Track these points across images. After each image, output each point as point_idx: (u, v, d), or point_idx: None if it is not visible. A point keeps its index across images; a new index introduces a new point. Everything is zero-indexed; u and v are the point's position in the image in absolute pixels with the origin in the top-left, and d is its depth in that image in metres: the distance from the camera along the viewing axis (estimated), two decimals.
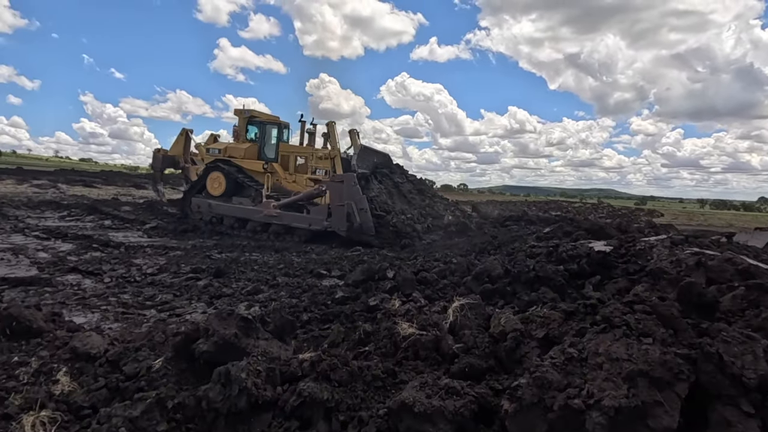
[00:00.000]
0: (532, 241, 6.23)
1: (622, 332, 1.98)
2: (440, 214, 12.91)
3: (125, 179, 36.45)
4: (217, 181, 14.16)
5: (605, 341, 1.97)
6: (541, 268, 4.48)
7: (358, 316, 4.43)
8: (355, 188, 11.07)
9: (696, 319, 2.12)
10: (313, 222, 11.79)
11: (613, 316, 2.09)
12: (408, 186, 13.36)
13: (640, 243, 5.05)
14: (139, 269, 7.39)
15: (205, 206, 13.78)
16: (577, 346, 2.05)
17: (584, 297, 3.10)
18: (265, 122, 15.00)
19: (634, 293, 2.61)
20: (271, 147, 14.79)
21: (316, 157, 14.00)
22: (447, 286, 5.23)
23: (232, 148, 14.60)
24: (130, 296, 5.62)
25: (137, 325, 4.49)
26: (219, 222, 13.53)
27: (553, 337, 2.56)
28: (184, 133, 16.64)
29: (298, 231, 12.09)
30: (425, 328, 3.33)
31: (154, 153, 16.95)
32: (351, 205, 10.94)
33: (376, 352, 3.35)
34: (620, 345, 1.93)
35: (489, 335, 2.88)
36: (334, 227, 11.31)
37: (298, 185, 13.91)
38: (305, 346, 3.82)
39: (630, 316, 2.10)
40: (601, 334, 2.03)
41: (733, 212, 76.30)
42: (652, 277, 4.08)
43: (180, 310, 5.09)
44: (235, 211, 13.38)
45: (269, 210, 12.40)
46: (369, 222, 11.00)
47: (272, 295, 5.80)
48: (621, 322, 2.05)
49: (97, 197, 20.99)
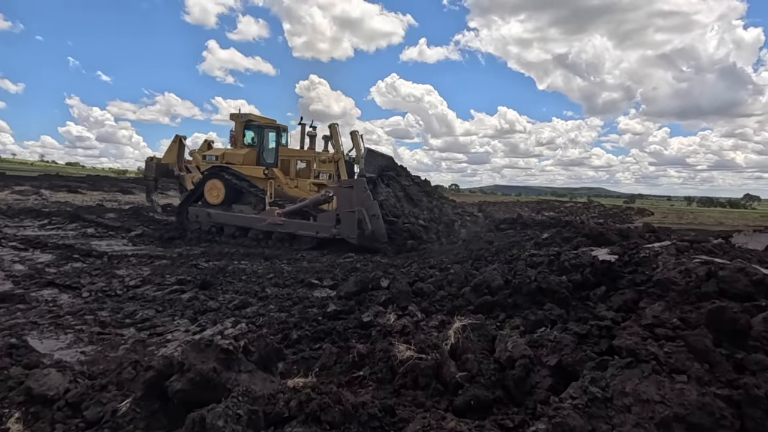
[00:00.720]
0: (531, 248, 6.02)
1: (651, 368, 1.75)
2: (450, 218, 12.64)
3: (112, 184, 35.78)
4: (216, 189, 13.61)
5: (632, 378, 1.74)
6: (544, 279, 4.25)
7: (351, 333, 4.17)
8: (366, 194, 10.65)
9: (729, 348, 1.91)
10: (321, 229, 11.32)
11: (638, 348, 1.86)
12: (414, 188, 13.07)
13: (643, 250, 4.86)
14: (121, 281, 7.05)
15: (204, 216, 13.18)
16: (600, 383, 1.82)
17: (596, 317, 2.87)
18: (263, 126, 14.47)
19: (653, 315, 2.39)
20: (270, 151, 14.31)
21: (318, 160, 13.58)
22: (444, 297, 4.98)
23: (230, 153, 14.06)
24: (108, 313, 5.29)
25: (113, 348, 4.18)
26: (219, 232, 12.98)
27: (566, 365, 2.33)
28: (177, 140, 15.92)
29: (303, 239, 11.65)
30: (424, 351, 3.08)
31: (146, 162, 16.19)
32: (362, 211, 10.51)
33: (371, 378, 3.10)
34: (650, 383, 1.70)
35: (494, 361, 2.63)
36: (344, 234, 10.87)
37: (301, 190, 13.45)
38: (294, 369, 3.55)
39: (657, 347, 1.88)
40: (627, 369, 1.80)
41: (720, 209, 77.40)
42: (660, 288, 3.87)
43: (161, 328, 4.78)
44: (236, 220, 12.85)
45: (273, 218, 11.91)
46: (381, 228, 10.59)
47: (260, 310, 5.51)
48: (648, 355, 1.82)
49: (81, 203, 20.44)
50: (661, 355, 1.81)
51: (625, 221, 26.44)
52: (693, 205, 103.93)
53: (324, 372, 3.42)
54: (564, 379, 2.34)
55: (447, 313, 4.70)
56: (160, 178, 16.33)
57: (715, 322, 2.01)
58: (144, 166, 16.48)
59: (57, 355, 3.90)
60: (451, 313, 4.70)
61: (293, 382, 3.22)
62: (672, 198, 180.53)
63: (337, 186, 11.74)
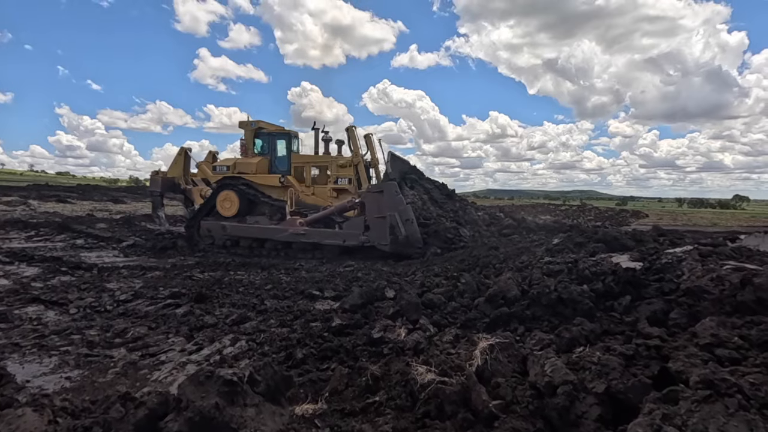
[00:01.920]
0: (542, 255, 5.77)
1: (738, 403, 1.49)
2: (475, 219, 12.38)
3: (103, 193, 35.18)
4: (229, 201, 13.01)
5: (716, 416, 1.48)
6: (565, 289, 4.01)
7: (360, 351, 3.87)
8: (398, 198, 10.27)
9: None
10: (348, 237, 10.89)
11: (716, 378, 1.60)
12: (436, 192, 12.83)
13: (665, 256, 4.64)
14: (111, 295, 6.68)
15: (218, 229, 12.62)
16: (674, 421, 1.55)
17: (641, 334, 2.61)
18: (274, 133, 14.05)
19: (711, 333, 2.13)
20: (283, 159, 13.82)
21: (336, 165, 13.09)
22: (456, 309, 4.71)
23: (242, 163, 13.51)
24: (97, 331, 4.93)
25: (102, 372, 3.84)
26: (235, 245, 12.48)
27: (616, 393, 2.06)
28: (183, 152, 15.21)
29: (326, 247, 11.20)
30: (447, 374, 2.79)
31: (151, 176, 15.38)
32: (394, 216, 10.11)
33: (388, 404, 2.80)
34: (739, 422, 1.44)
35: (530, 386, 2.36)
36: (374, 241, 10.44)
37: (319, 197, 12.94)
38: (302, 393, 3.25)
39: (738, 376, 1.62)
40: (706, 404, 1.53)
41: (711, 210, 78.14)
42: (691, 297, 3.64)
43: (154, 348, 4.44)
44: (254, 232, 12.30)
45: (296, 227, 11.45)
46: (416, 234, 10.21)
47: (260, 325, 5.18)
48: (730, 386, 1.56)
49: (71, 214, 19.94)
50: (746, 386, 1.55)
51: (623, 224, 26.39)
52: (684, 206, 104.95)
53: (335, 397, 3.12)
54: (613, 409, 2.07)
55: (461, 327, 4.43)
56: (166, 192, 15.48)
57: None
58: (149, 181, 15.55)
59: (38, 383, 3.57)
60: (465, 326, 4.43)
61: (302, 409, 2.93)
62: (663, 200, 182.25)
63: (365, 191, 11.30)
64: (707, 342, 2.08)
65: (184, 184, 15.05)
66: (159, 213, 15.32)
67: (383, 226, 10.23)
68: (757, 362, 1.77)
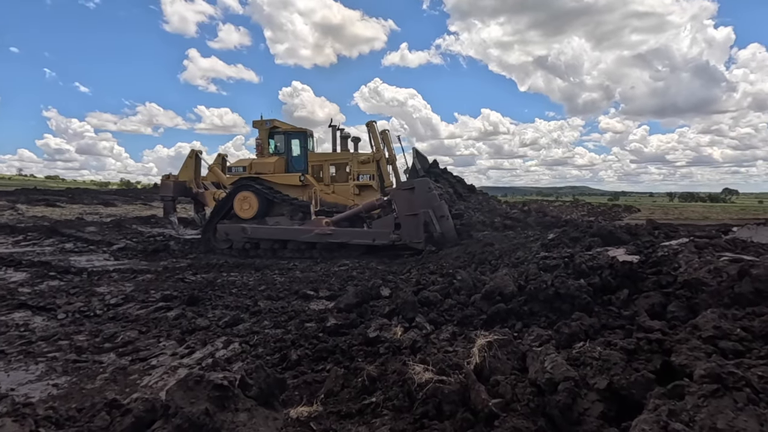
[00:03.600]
0: (538, 249, 5.74)
1: (746, 397, 1.44)
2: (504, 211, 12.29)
3: (93, 196, 34.68)
4: (247, 202, 12.67)
5: (724, 411, 1.42)
6: (562, 283, 3.96)
7: (356, 351, 3.80)
8: (431, 194, 10.03)
9: None
10: (378, 236, 10.66)
11: (723, 372, 1.55)
12: (459, 186, 12.73)
13: (661, 249, 4.61)
14: (101, 299, 6.55)
15: (236, 232, 12.24)
16: (681, 417, 1.50)
17: (642, 327, 2.56)
18: (290, 132, 13.79)
19: (714, 325, 2.09)
20: (300, 158, 13.60)
21: (357, 162, 12.89)
22: (453, 306, 4.66)
23: (258, 163, 13.20)
24: (86, 337, 4.82)
25: (90, 378, 3.73)
26: (255, 247, 12.17)
27: (619, 388, 2.01)
28: (194, 155, 14.86)
29: (351, 247, 11.00)
30: (445, 372, 2.73)
31: (162, 180, 14.93)
32: (428, 213, 9.90)
33: (385, 405, 2.74)
34: (748, 417, 1.39)
35: (530, 383, 2.30)
36: (406, 240, 10.22)
37: (339, 195, 12.69)
38: (296, 395, 3.17)
39: (745, 369, 1.57)
40: (714, 399, 1.48)
41: (702, 204, 78.97)
42: (689, 290, 3.61)
43: (145, 352, 4.34)
44: (276, 233, 11.96)
45: (322, 228, 11.18)
46: (452, 230, 9.99)
47: (254, 326, 5.09)
48: (738, 380, 1.51)
49: (60, 218, 19.65)
50: (755, 380, 1.51)
51: (615, 219, 26.55)
52: (675, 200, 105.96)
53: (330, 399, 3.05)
54: (617, 405, 2.02)
55: (457, 324, 4.37)
56: (178, 197, 15.03)
57: None
58: (160, 185, 15.14)
59: (24, 390, 3.45)
60: (462, 324, 4.37)
61: (297, 412, 2.85)
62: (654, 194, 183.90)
63: (395, 189, 11.08)
64: (710, 335, 2.04)
65: (196, 188, 14.70)
66: (172, 218, 14.89)
67: (416, 223, 10.00)
68: (762, 354, 1.73)
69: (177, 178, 14.64)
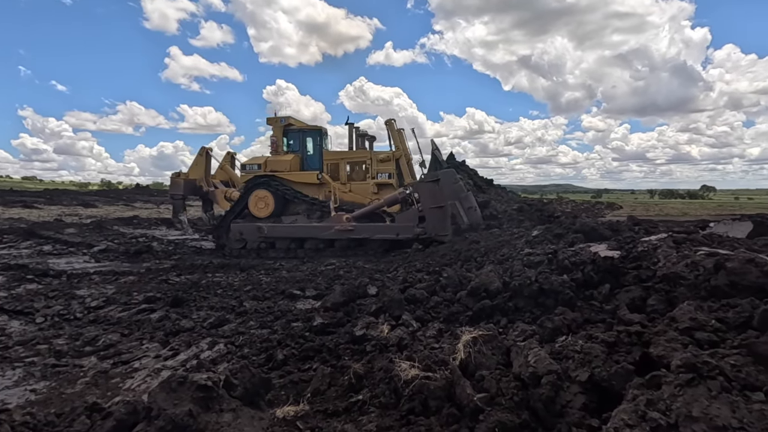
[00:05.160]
0: (523, 246, 5.81)
1: (720, 385, 1.49)
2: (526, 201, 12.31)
3: (72, 197, 33.89)
4: (263, 201, 12.41)
5: (699, 399, 1.47)
6: (546, 279, 4.02)
7: (343, 350, 3.80)
8: (457, 185, 9.86)
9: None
10: (402, 231, 10.45)
11: (698, 362, 1.60)
12: (477, 178, 12.70)
13: (641, 244, 4.71)
14: (81, 302, 6.41)
15: (251, 231, 12.00)
16: (658, 406, 1.53)
17: (622, 321, 2.62)
18: (304, 130, 13.57)
19: (690, 317, 2.15)
20: (315, 156, 13.40)
21: (377, 160, 12.69)
22: (439, 304, 4.68)
23: (274, 161, 12.91)
24: (65, 340, 4.71)
25: (70, 382, 3.65)
26: (270, 247, 11.92)
27: (600, 380, 2.05)
28: (204, 153, 14.44)
29: (371, 244, 10.80)
30: (431, 368, 2.75)
31: (172, 178, 14.44)
32: (455, 204, 9.67)
33: (372, 402, 2.74)
34: (722, 405, 1.43)
35: (515, 377, 2.34)
36: (431, 233, 10.01)
37: (357, 194, 12.43)
38: (283, 395, 3.15)
39: (719, 358, 1.62)
40: (689, 387, 1.53)
41: (681, 201, 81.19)
42: (668, 283, 3.70)
43: (127, 355, 4.26)
44: (296, 232, 11.75)
45: (343, 224, 10.95)
46: (479, 220, 9.81)
47: (239, 327, 5.04)
48: (712, 369, 1.56)
49: (38, 219, 19.12)
50: (727, 368, 1.55)
51: (598, 215, 27.04)
52: (656, 197, 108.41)
53: (317, 397, 3.04)
54: (598, 396, 2.06)
55: (443, 321, 4.40)
56: (188, 195, 14.62)
57: None
58: (170, 183, 14.68)
59: (0, 396, 3.36)
60: (448, 321, 4.41)
61: (283, 411, 2.83)
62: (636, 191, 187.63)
63: (418, 182, 10.88)
64: (686, 326, 2.10)
65: (207, 187, 14.32)
66: (181, 217, 14.47)
67: (441, 216, 9.83)
68: (735, 344, 1.79)
69: (187, 176, 14.25)
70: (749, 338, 1.69)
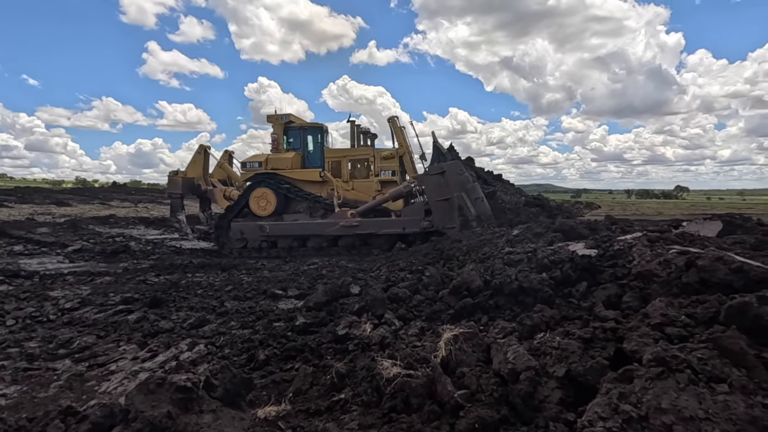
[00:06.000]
0: (503, 245, 5.90)
1: (688, 378, 1.55)
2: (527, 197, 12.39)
3: (45, 196, 32.76)
4: (265, 199, 12.21)
5: (668, 391, 1.53)
6: (525, 277, 4.10)
7: (325, 349, 3.79)
8: (463, 176, 9.73)
9: (755, 347, 1.76)
10: (408, 224, 10.33)
11: (667, 356, 1.66)
12: (481, 171, 12.67)
13: (617, 242, 4.85)
14: (55, 304, 6.22)
15: (253, 230, 11.78)
16: (630, 399, 1.59)
17: (598, 317, 2.70)
18: (306, 127, 13.40)
19: (661, 313, 2.22)
20: (316, 154, 13.25)
21: (380, 157, 12.56)
22: (421, 302, 4.72)
23: (275, 159, 12.72)
24: (38, 343, 4.56)
25: (43, 386, 3.54)
26: (272, 246, 11.70)
27: (576, 375, 2.11)
28: (202, 150, 14.09)
29: (376, 241, 10.61)
30: (413, 366, 2.78)
31: (170, 177, 14.03)
32: (461, 196, 9.57)
33: (354, 401, 2.75)
34: (689, 396, 1.49)
35: (494, 374, 2.38)
36: (438, 225, 9.86)
37: (360, 192, 12.29)
38: (264, 395, 3.13)
39: (687, 352, 1.68)
40: (659, 380, 1.59)
41: (656, 201, 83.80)
42: (642, 281, 3.82)
43: (103, 357, 4.15)
44: (299, 229, 11.54)
45: (347, 220, 10.78)
46: (488, 211, 9.67)
47: (220, 327, 4.98)
48: (680, 362, 1.62)
49: (8, 218, 18.43)
50: (695, 362, 1.62)
51: (577, 215, 27.64)
52: (632, 197, 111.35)
53: (299, 397, 3.03)
54: (574, 391, 2.12)
55: (426, 319, 4.44)
56: (187, 194, 14.21)
57: (736, 319, 1.86)
58: (167, 182, 14.23)
59: None
60: (431, 319, 4.45)
61: (264, 411, 2.82)
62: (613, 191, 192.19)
63: (423, 174, 10.73)
64: (658, 322, 2.17)
65: (205, 185, 14.01)
66: (180, 217, 14.03)
67: (448, 208, 9.72)
68: (703, 338, 1.86)
69: (185, 174, 13.90)
70: (715, 333, 1.77)
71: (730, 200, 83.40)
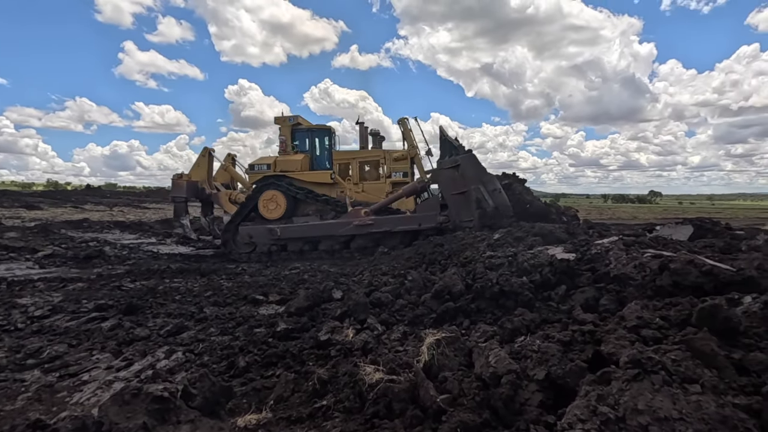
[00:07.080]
0: (485, 249, 5.97)
1: (662, 379, 1.59)
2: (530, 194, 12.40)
3: (14, 199, 31.48)
4: (274, 201, 11.94)
5: (644, 393, 1.57)
6: (506, 281, 4.15)
7: (307, 355, 3.75)
8: (480, 167, 9.50)
9: (725, 348, 1.82)
10: (424, 220, 10.10)
11: (643, 358, 1.71)
12: None
13: (594, 247, 4.97)
14: (23, 312, 5.97)
15: (262, 233, 11.42)
16: (607, 401, 1.63)
17: (576, 320, 2.75)
18: (314, 129, 13.25)
19: (637, 316, 2.29)
20: (324, 156, 13.11)
21: (391, 159, 12.46)
22: (404, 307, 4.73)
23: (284, 161, 12.48)
24: (5, 353, 4.36)
25: (10, 399, 3.38)
26: (282, 249, 11.38)
27: (556, 378, 2.14)
28: (207, 153, 13.77)
29: (389, 240, 10.38)
30: (395, 371, 2.77)
31: (174, 180, 13.61)
32: (479, 189, 9.28)
33: (336, 407, 2.73)
34: (664, 397, 1.53)
35: (476, 378, 2.40)
36: (456, 220, 9.60)
37: (370, 194, 12.14)
38: (245, 403, 3.07)
39: (662, 354, 1.73)
40: (635, 382, 1.63)
41: (632, 205, 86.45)
42: (618, 284, 3.93)
43: (75, 367, 4.00)
44: (311, 231, 11.20)
45: (361, 218, 10.53)
46: (506, 202, 9.39)
47: (199, 334, 4.87)
48: (655, 364, 1.67)
49: None
50: (669, 363, 1.67)
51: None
52: (608, 202, 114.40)
53: (280, 404, 2.99)
54: (554, 393, 2.15)
55: (408, 324, 4.44)
56: (191, 198, 13.80)
57: (707, 321, 1.92)
58: (171, 185, 13.80)
59: None
60: (413, 323, 4.46)
61: (244, 420, 2.76)
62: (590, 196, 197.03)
63: (436, 169, 10.54)
64: (634, 324, 2.23)
65: (209, 189, 13.66)
66: (183, 221, 13.69)
67: (465, 201, 9.51)
68: (677, 340, 1.92)
69: (189, 177, 13.54)
70: (688, 335, 1.83)
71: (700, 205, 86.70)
